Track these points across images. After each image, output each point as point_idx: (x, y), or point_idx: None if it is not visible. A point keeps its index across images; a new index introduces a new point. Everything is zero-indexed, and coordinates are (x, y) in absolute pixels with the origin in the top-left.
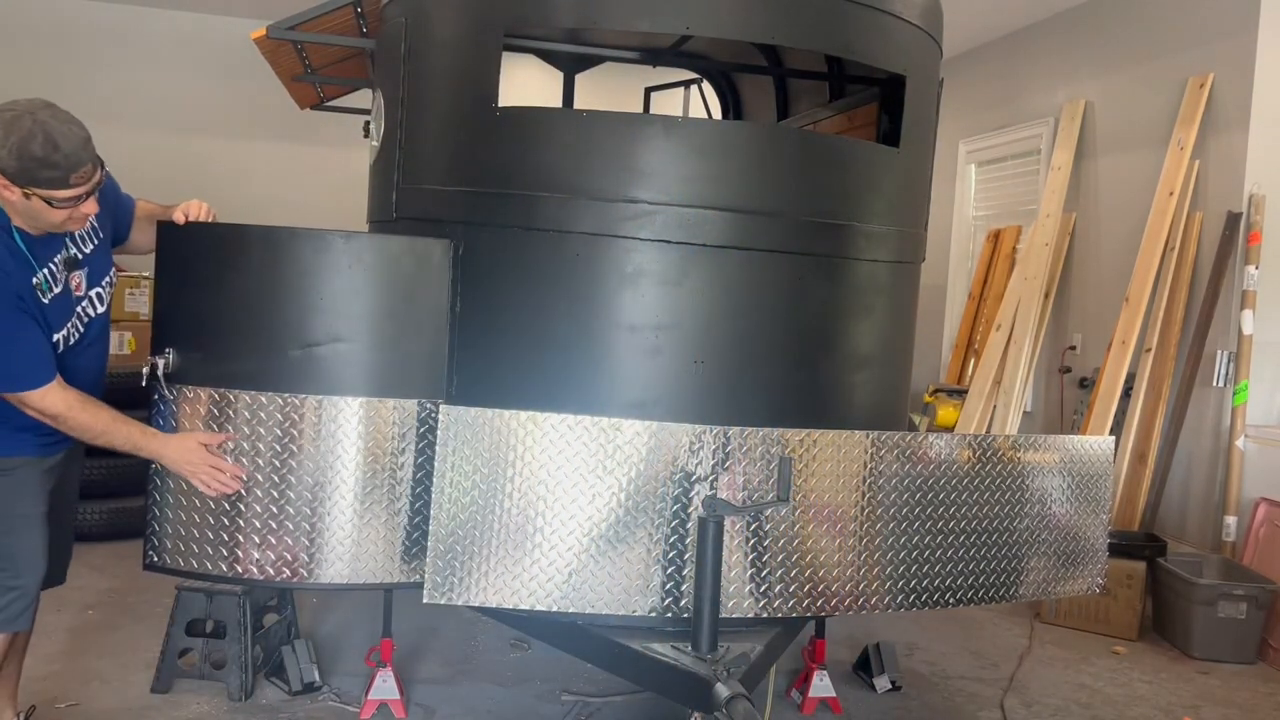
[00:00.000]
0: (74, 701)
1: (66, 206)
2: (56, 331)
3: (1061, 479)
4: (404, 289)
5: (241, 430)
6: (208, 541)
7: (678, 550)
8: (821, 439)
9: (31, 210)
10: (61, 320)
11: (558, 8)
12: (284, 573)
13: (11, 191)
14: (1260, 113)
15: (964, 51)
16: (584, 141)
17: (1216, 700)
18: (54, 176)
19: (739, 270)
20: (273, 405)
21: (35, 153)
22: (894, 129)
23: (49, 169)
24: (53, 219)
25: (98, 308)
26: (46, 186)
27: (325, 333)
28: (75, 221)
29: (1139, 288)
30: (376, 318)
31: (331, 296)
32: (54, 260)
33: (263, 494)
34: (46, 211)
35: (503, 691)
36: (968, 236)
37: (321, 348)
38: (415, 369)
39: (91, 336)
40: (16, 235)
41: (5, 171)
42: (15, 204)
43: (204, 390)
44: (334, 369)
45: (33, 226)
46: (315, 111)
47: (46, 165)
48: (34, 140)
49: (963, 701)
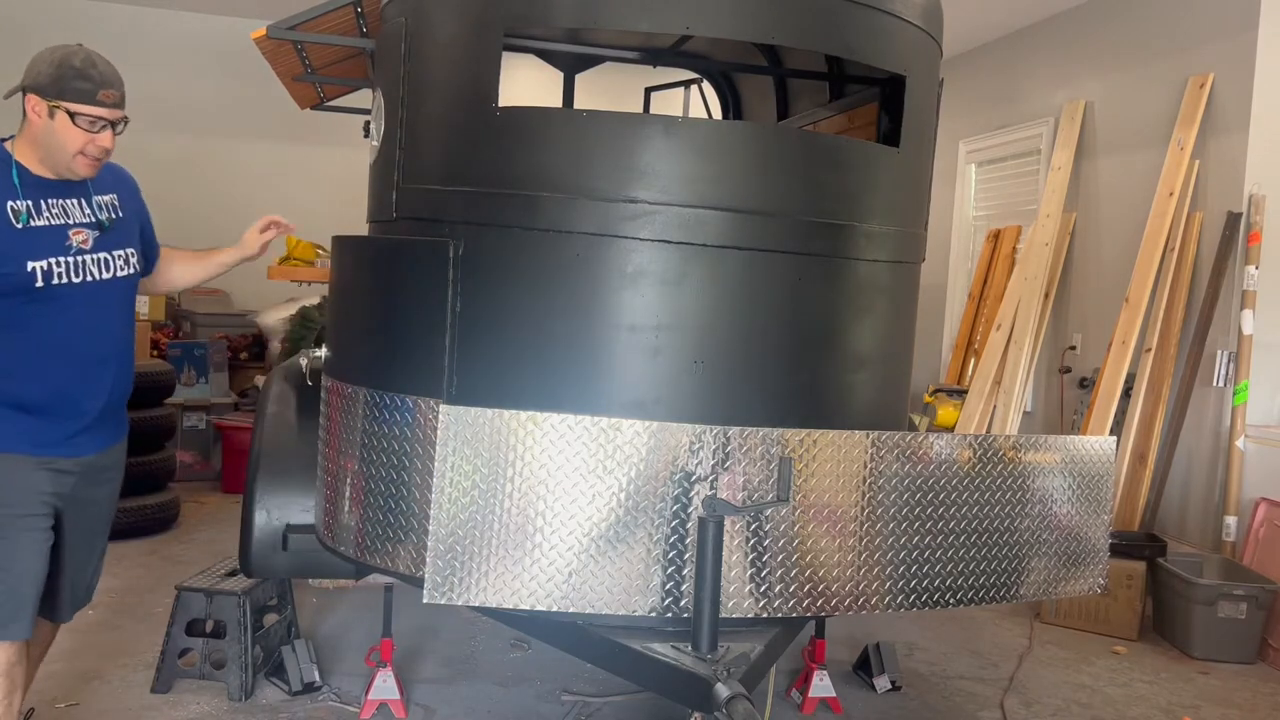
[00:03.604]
0: (74, 701)
1: (86, 129)
2: (31, 259)
3: (1062, 479)
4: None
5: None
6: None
7: (678, 550)
8: (822, 439)
9: (52, 132)
10: (39, 251)
11: (558, 8)
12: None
13: (38, 111)
14: (1260, 113)
15: (964, 51)
16: (584, 141)
17: (1216, 700)
18: (85, 89)
19: (739, 270)
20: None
21: (73, 63)
22: (894, 129)
23: (82, 80)
24: (71, 141)
25: (103, 272)
26: (75, 99)
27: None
28: (88, 159)
29: (1139, 288)
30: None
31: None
32: (51, 200)
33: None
34: (66, 131)
35: (503, 691)
36: (968, 236)
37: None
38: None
39: (97, 296)
40: (14, 169)
41: (39, 85)
42: (37, 128)
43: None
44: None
45: (45, 160)
46: (315, 111)
47: (81, 76)
48: (75, 55)
49: (963, 701)
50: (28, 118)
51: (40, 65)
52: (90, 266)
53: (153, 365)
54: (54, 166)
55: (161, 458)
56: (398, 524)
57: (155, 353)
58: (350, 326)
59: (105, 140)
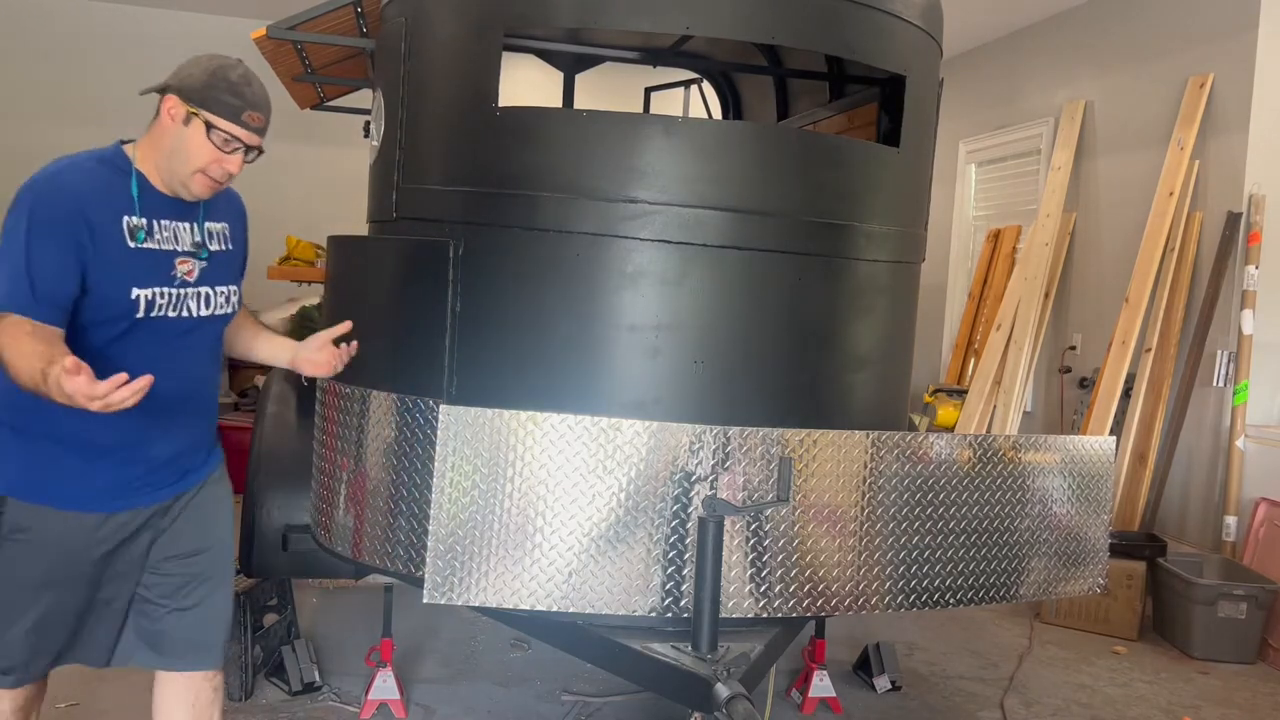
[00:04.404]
0: (74, 701)
1: (218, 146)
2: (138, 286)
3: (1062, 479)
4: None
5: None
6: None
7: (678, 550)
8: (822, 439)
9: (182, 141)
10: (146, 277)
11: (558, 8)
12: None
13: (175, 115)
14: (1260, 113)
15: (964, 51)
16: (584, 141)
17: (1216, 700)
18: (232, 104)
19: (739, 270)
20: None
21: (229, 76)
22: (894, 129)
23: (232, 96)
24: (197, 155)
25: (203, 308)
26: (218, 111)
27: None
28: (207, 180)
29: (1139, 288)
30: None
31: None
32: (164, 221)
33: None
34: (197, 143)
35: (503, 691)
36: (968, 236)
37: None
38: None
39: (191, 335)
40: (135, 180)
41: (186, 89)
42: (168, 133)
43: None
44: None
45: (163, 169)
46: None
47: (231, 92)
48: (233, 70)
49: (962, 701)
50: (159, 119)
51: (192, 69)
52: (189, 301)
53: None
54: (170, 179)
55: None
56: (397, 524)
57: None
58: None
59: (233, 164)
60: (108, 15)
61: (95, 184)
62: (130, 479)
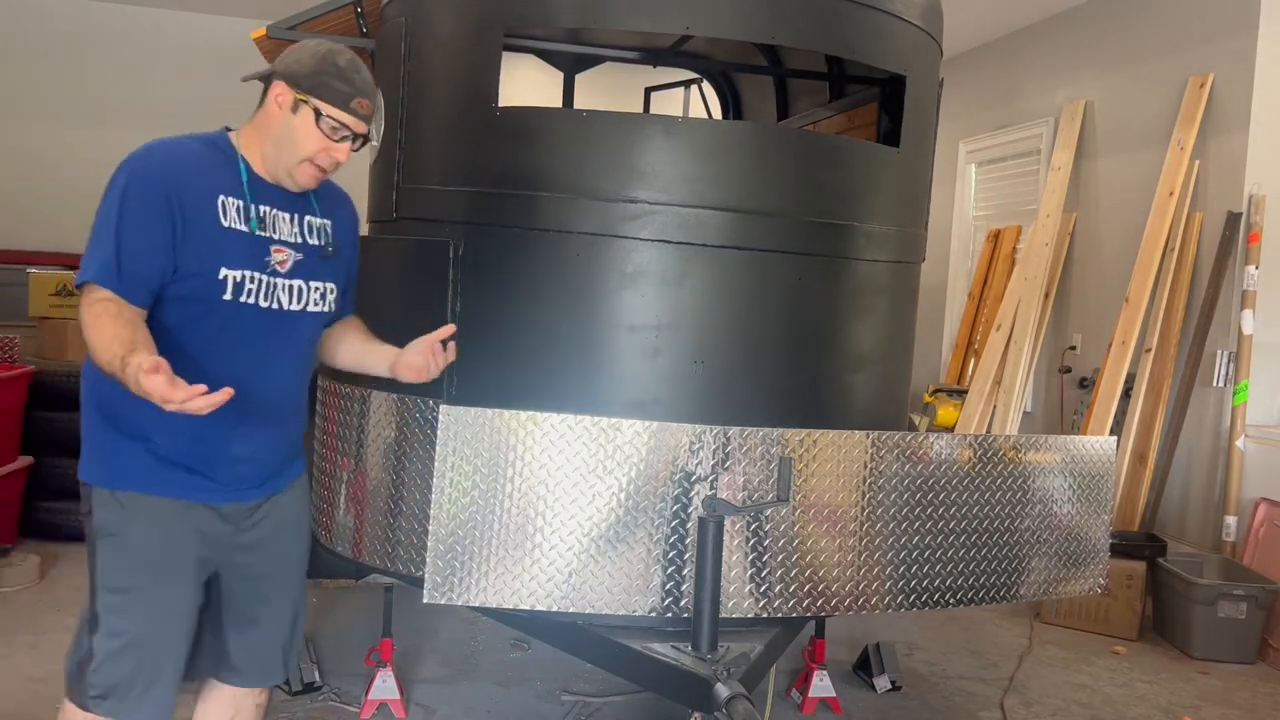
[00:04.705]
0: None
1: (326, 134)
2: (227, 267)
3: (1062, 479)
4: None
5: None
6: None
7: (678, 550)
8: (822, 439)
9: (289, 129)
10: (237, 259)
11: (558, 8)
12: None
13: (283, 102)
14: (1260, 113)
15: (964, 51)
16: (584, 141)
17: (1216, 700)
18: (341, 91)
19: (739, 270)
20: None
21: (337, 62)
22: (894, 129)
23: (341, 82)
24: (305, 144)
25: (293, 302)
26: (327, 98)
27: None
28: (314, 169)
29: (1139, 288)
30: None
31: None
32: (264, 207)
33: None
34: (305, 131)
35: (503, 691)
36: (968, 236)
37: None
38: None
39: (279, 328)
40: (242, 164)
41: (294, 75)
42: (275, 120)
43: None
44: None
45: (268, 157)
46: None
47: (341, 78)
48: (341, 55)
49: (963, 701)
50: (266, 106)
51: (300, 55)
52: (280, 293)
53: None
54: (275, 168)
55: None
56: (397, 524)
57: None
58: None
59: (341, 152)
60: (108, 15)
61: (192, 161)
62: (216, 469)
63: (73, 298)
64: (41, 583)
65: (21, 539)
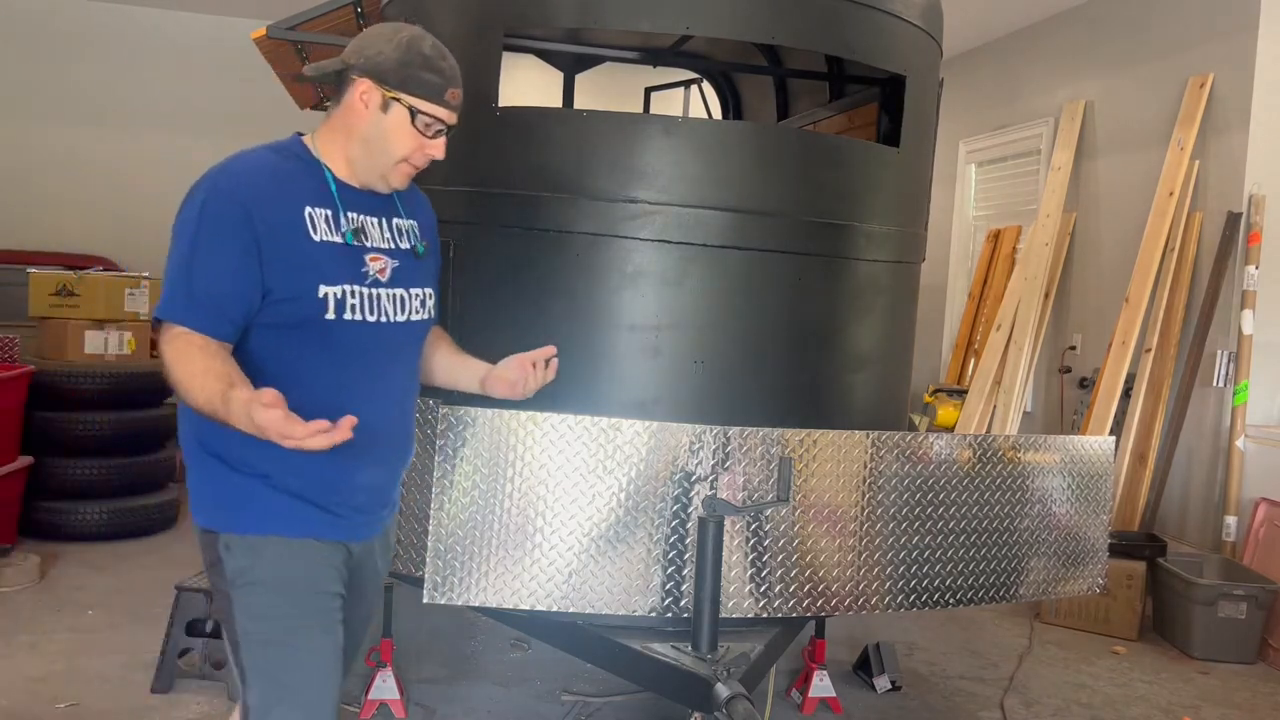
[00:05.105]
0: (74, 701)
1: (421, 132)
2: (325, 284)
3: (1062, 479)
4: None
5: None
6: None
7: (678, 550)
8: (821, 439)
9: (381, 130)
10: (335, 274)
11: (558, 8)
12: None
13: (369, 100)
14: (1260, 113)
15: (964, 51)
16: (584, 141)
17: (1216, 700)
18: (433, 83)
19: (739, 270)
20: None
21: (423, 49)
22: (894, 129)
23: (432, 72)
24: (400, 144)
25: (398, 312)
26: (421, 93)
27: None
28: (409, 169)
29: (1139, 288)
30: None
31: None
32: (353, 214)
33: None
34: (399, 131)
35: (503, 691)
36: (968, 236)
37: None
38: None
39: (388, 342)
40: (326, 171)
41: (380, 70)
42: (363, 121)
43: None
44: None
45: (357, 161)
46: (315, 111)
47: (430, 68)
48: (423, 41)
49: (963, 701)
50: (348, 105)
51: (379, 45)
52: (385, 303)
53: (153, 365)
54: (365, 172)
55: (161, 457)
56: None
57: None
58: None
59: (437, 149)
60: (107, 15)
61: (271, 173)
62: (344, 502)
63: (73, 297)
64: (41, 583)
65: (21, 539)
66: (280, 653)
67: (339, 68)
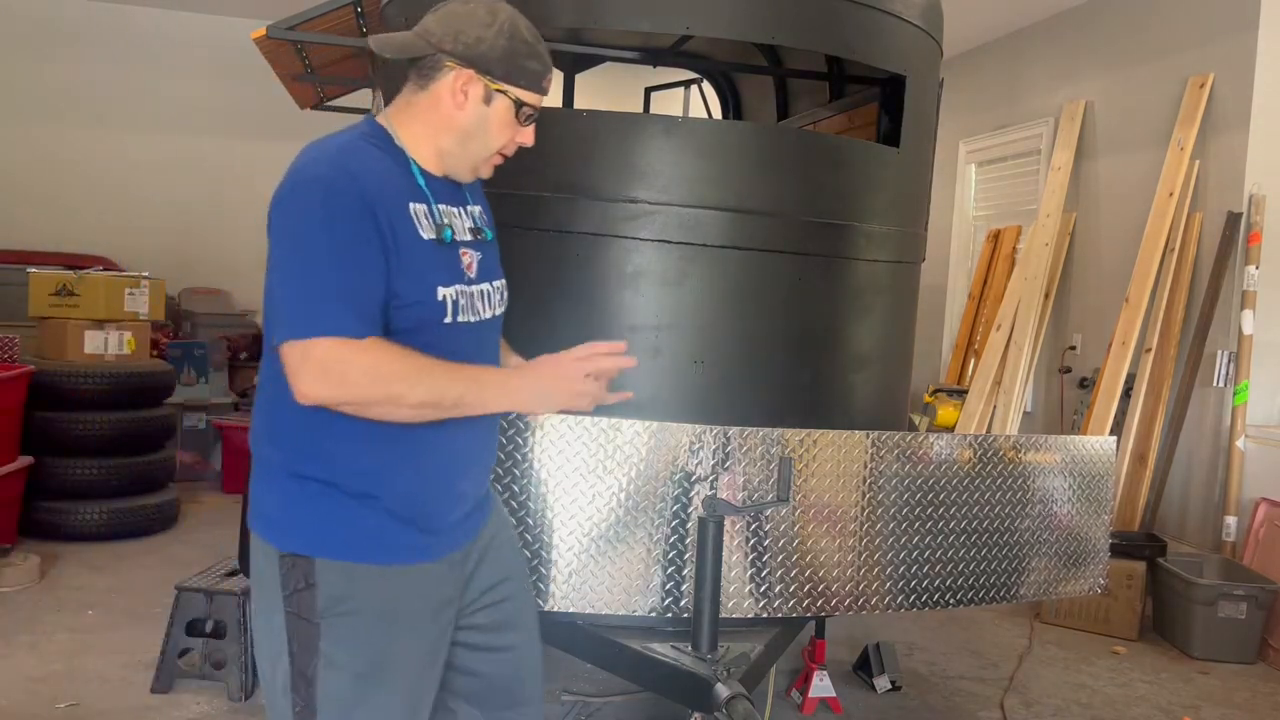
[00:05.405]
0: (74, 701)
1: (521, 123)
2: (441, 285)
3: (1062, 479)
4: None
5: None
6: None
7: (678, 550)
8: (822, 439)
9: (483, 122)
10: (446, 274)
11: (558, 8)
12: None
13: (469, 90)
14: (1260, 113)
15: (964, 51)
16: (584, 141)
17: (1216, 700)
18: (538, 72)
19: (739, 270)
20: None
21: (526, 35)
22: (894, 129)
23: (534, 60)
24: (498, 137)
25: (486, 308)
26: (525, 84)
27: None
28: (499, 160)
29: (1139, 288)
30: None
31: None
32: (442, 206)
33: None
34: (502, 122)
35: None
36: (968, 236)
37: None
38: None
39: (482, 341)
40: (413, 163)
41: (484, 60)
42: (465, 112)
43: None
44: None
45: (448, 154)
46: (315, 111)
47: (533, 55)
48: (520, 22)
49: (963, 701)
50: (441, 95)
51: (478, 31)
52: (478, 302)
53: (153, 365)
54: (456, 164)
55: (161, 458)
56: None
57: (155, 353)
58: None
59: (528, 137)
60: (108, 15)
61: (378, 167)
62: (447, 516)
63: (73, 297)
64: (41, 583)
65: (21, 539)
66: (372, 686)
67: (426, 51)
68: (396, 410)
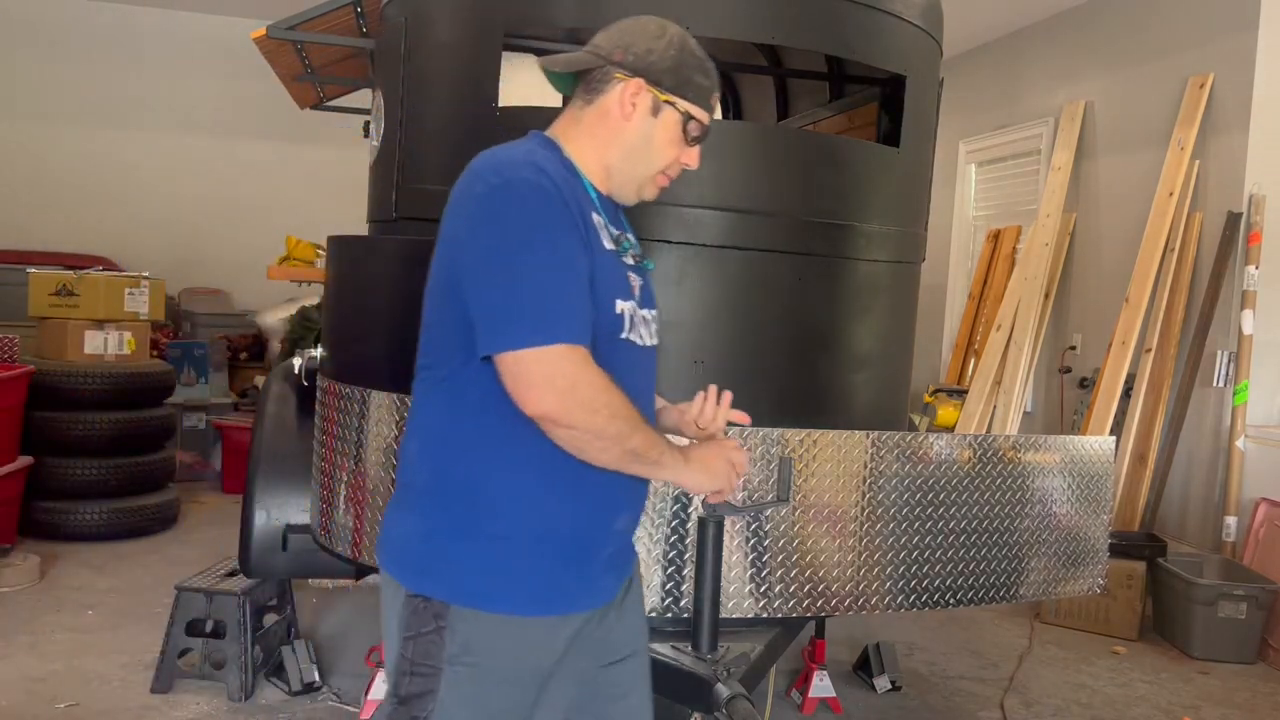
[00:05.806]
0: (74, 702)
1: (687, 142)
2: (620, 299)
3: (1062, 479)
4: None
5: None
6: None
7: (678, 550)
8: (822, 439)
9: (649, 138)
10: (623, 289)
11: (558, 8)
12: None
13: (638, 101)
14: (1260, 113)
15: (964, 51)
16: None
17: (1216, 700)
18: (705, 85)
19: (739, 270)
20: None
21: (694, 49)
22: (894, 129)
23: (703, 75)
24: (665, 153)
25: (650, 335)
26: (695, 98)
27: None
28: (664, 182)
29: (1139, 288)
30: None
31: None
32: (612, 229)
33: None
34: (668, 137)
35: None
36: (968, 236)
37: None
38: None
39: (643, 368)
40: (585, 180)
41: (654, 70)
42: (631, 126)
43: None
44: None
45: (621, 172)
46: (315, 111)
47: (702, 70)
48: (690, 39)
49: (963, 701)
50: (603, 106)
51: (648, 42)
52: (641, 325)
53: (153, 365)
54: (622, 183)
55: (161, 458)
56: None
57: (155, 353)
58: (347, 327)
59: (693, 158)
60: (108, 15)
61: (566, 173)
62: (595, 565)
63: (73, 297)
64: (41, 583)
65: (21, 539)
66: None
67: (595, 64)
68: (604, 444)
